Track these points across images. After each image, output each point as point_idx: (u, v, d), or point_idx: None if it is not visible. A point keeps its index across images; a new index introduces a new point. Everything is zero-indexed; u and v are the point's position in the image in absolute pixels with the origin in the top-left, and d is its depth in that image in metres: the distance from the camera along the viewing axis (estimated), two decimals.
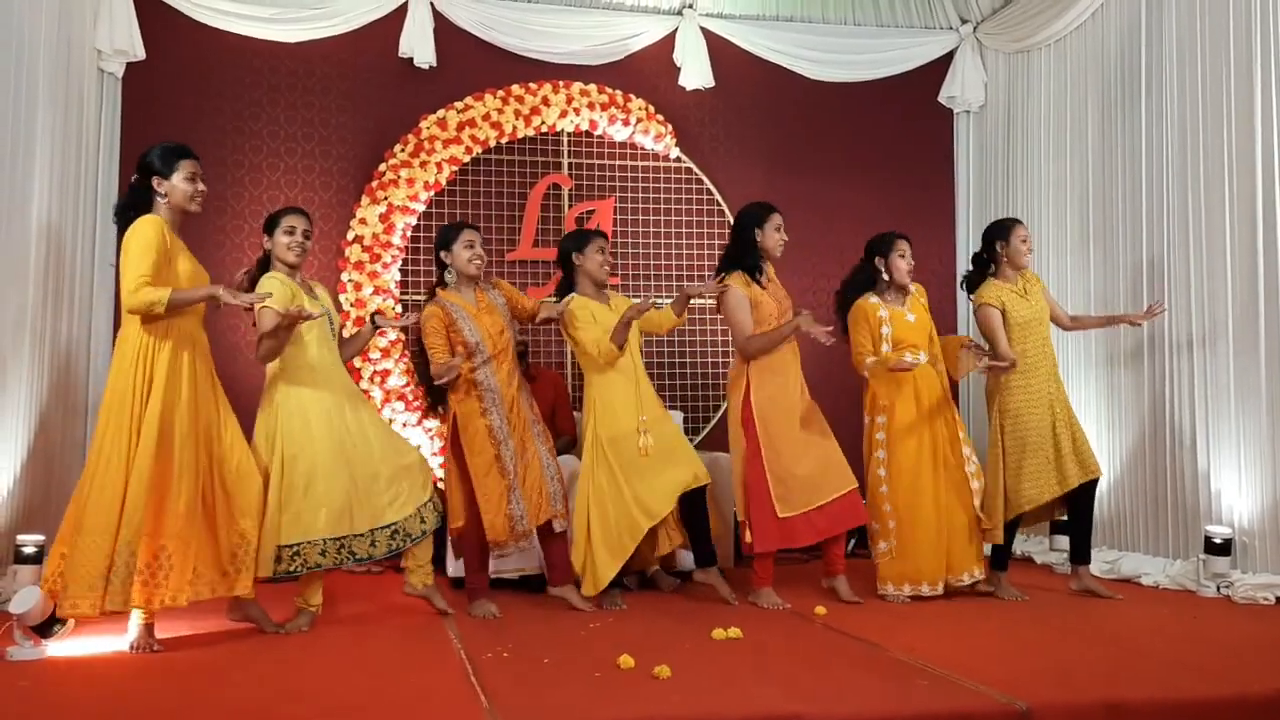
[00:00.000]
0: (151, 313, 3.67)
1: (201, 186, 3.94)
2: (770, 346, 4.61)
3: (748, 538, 4.59)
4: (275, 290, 4.02)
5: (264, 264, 4.25)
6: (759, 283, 4.69)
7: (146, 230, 3.75)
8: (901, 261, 4.77)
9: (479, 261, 4.45)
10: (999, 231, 4.95)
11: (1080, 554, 4.84)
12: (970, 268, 5.08)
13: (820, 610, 4.37)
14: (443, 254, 4.49)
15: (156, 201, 3.87)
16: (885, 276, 4.79)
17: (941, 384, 4.79)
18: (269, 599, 4.14)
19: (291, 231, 4.18)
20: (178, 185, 3.87)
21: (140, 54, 5.83)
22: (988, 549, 4.84)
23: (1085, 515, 4.83)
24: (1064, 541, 5.68)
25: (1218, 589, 4.76)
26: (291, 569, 3.97)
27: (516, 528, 4.31)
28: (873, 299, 4.78)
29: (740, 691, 3.14)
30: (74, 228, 5.42)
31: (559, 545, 4.52)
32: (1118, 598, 4.73)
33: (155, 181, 3.86)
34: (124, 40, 5.76)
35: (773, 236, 4.71)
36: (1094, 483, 4.78)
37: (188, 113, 6.06)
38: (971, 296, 4.99)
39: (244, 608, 4.05)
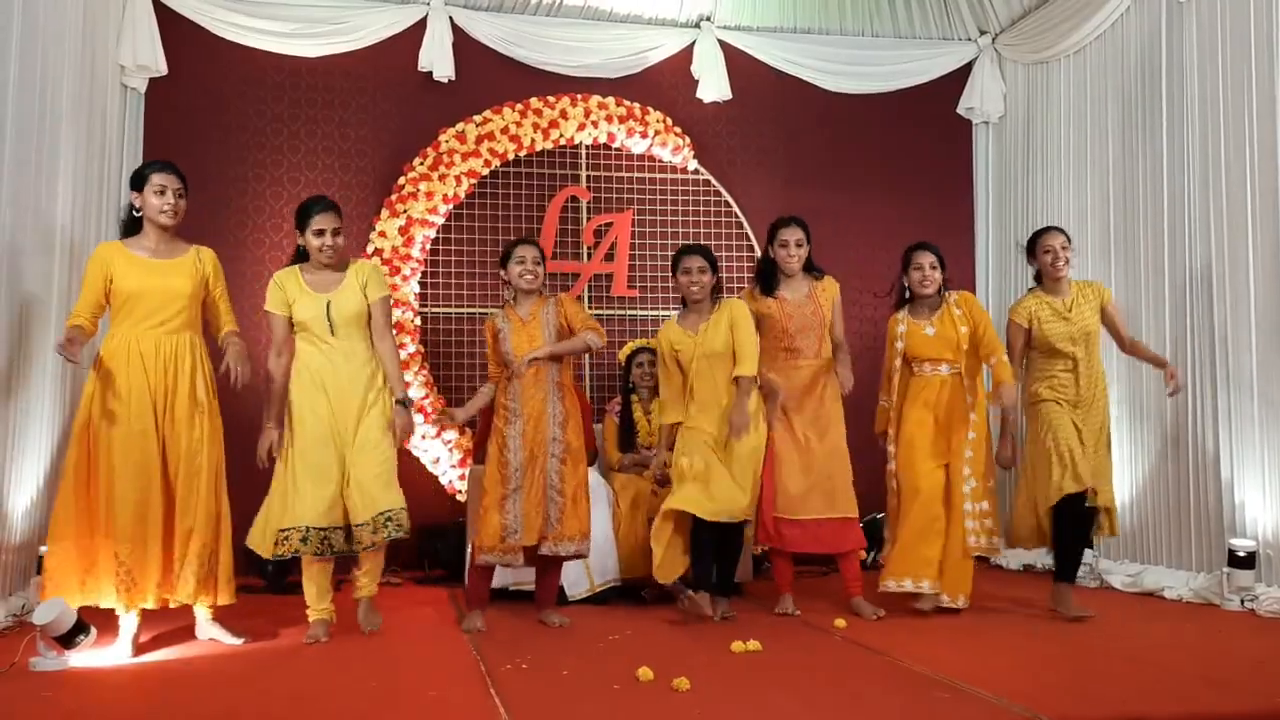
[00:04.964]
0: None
1: (170, 200, 3.96)
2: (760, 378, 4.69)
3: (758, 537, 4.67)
4: (270, 294, 4.21)
5: (300, 256, 4.28)
6: (773, 295, 4.74)
7: (88, 263, 3.98)
8: (916, 274, 4.77)
9: (529, 277, 4.46)
10: (1029, 246, 4.88)
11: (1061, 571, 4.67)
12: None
13: (840, 623, 4.36)
14: (502, 271, 4.56)
15: (145, 216, 4.00)
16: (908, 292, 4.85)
17: (962, 398, 4.71)
18: (271, 612, 4.15)
19: (321, 234, 4.17)
20: (148, 199, 3.97)
21: (162, 69, 5.91)
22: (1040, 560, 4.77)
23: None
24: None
25: (1241, 602, 4.71)
26: (280, 552, 4.04)
27: (508, 539, 4.30)
28: (899, 314, 4.86)
29: (759, 704, 3.13)
30: (97, 241, 5.46)
31: (551, 573, 4.51)
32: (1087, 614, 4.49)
33: (134, 196, 4.00)
34: (147, 56, 5.83)
35: (779, 251, 4.76)
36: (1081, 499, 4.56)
37: (209, 127, 6.12)
38: None
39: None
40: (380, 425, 4.17)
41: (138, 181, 4.00)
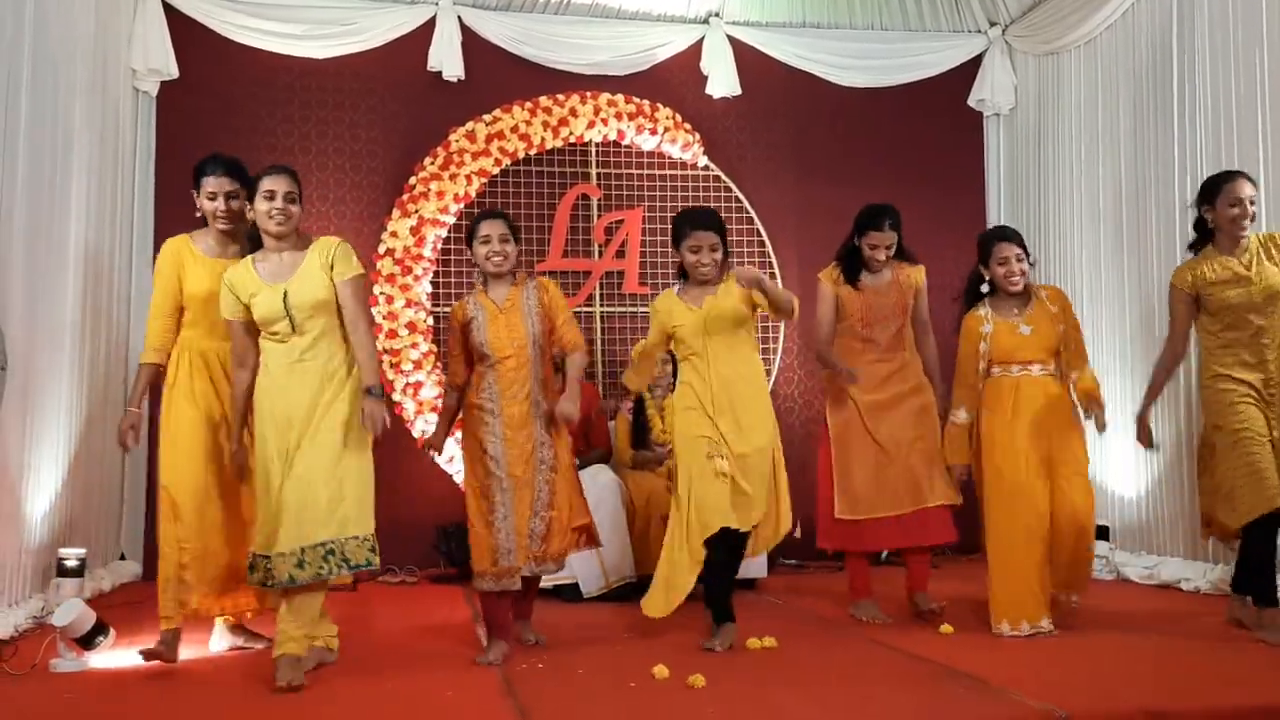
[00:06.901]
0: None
1: (222, 205, 3.77)
2: (823, 360, 4.54)
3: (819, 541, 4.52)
4: (222, 298, 3.57)
5: (255, 238, 3.63)
6: (853, 283, 4.48)
7: (158, 261, 3.84)
8: (1002, 269, 4.21)
9: (497, 259, 3.88)
10: (1205, 192, 4.13)
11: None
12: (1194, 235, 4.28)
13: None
14: (470, 252, 4.02)
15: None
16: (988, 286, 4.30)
17: (1063, 401, 4.22)
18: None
19: (271, 196, 3.50)
20: (203, 203, 3.84)
21: (174, 73, 5.93)
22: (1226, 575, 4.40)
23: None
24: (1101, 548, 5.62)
25: None
26: (261, 579, 3.45)
27: (500, 561, 3.76)
28: (980, 310, 4.28)
29: (775, 701, 3.13)
30: (111, 244, 5.50)
31: (530, 588, 4.01)
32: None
33: (194, 195, 3.87)
34: (158, 59, 5.86)
35: (868, 252, 4.45)
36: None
37: (220, 129, 6.12)
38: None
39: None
40: (339, 432, 3.48)
41: (196, 181, 3.83)
